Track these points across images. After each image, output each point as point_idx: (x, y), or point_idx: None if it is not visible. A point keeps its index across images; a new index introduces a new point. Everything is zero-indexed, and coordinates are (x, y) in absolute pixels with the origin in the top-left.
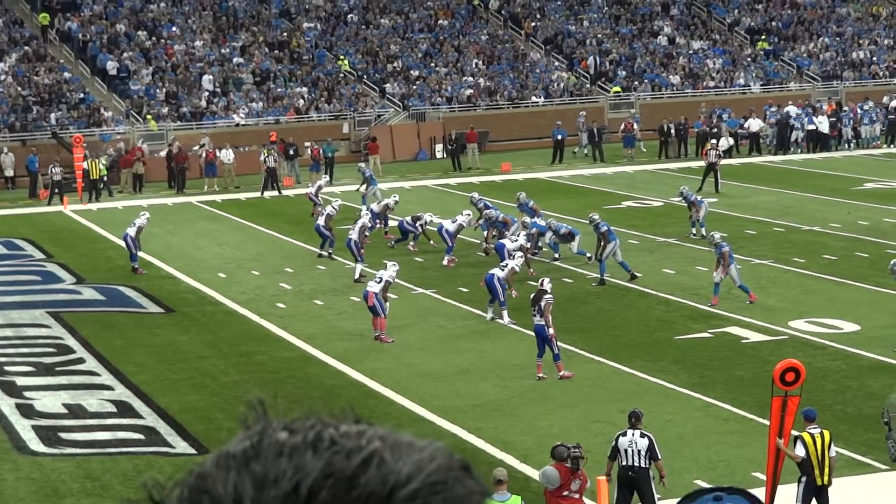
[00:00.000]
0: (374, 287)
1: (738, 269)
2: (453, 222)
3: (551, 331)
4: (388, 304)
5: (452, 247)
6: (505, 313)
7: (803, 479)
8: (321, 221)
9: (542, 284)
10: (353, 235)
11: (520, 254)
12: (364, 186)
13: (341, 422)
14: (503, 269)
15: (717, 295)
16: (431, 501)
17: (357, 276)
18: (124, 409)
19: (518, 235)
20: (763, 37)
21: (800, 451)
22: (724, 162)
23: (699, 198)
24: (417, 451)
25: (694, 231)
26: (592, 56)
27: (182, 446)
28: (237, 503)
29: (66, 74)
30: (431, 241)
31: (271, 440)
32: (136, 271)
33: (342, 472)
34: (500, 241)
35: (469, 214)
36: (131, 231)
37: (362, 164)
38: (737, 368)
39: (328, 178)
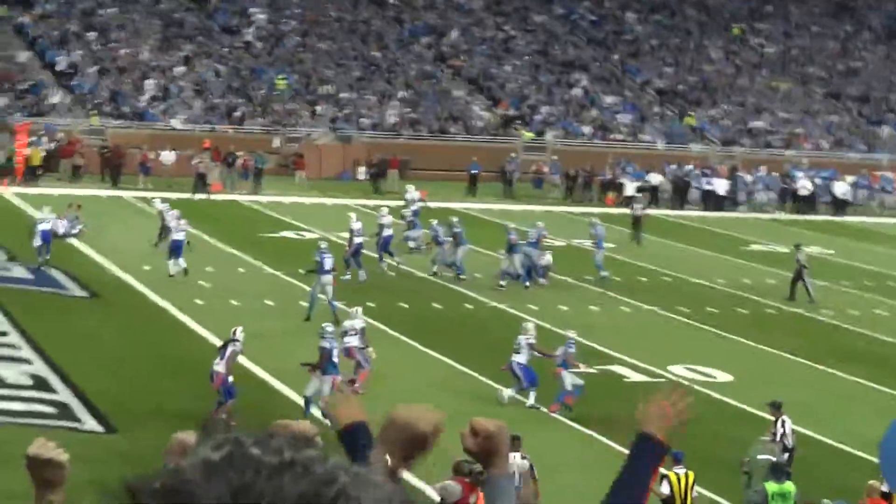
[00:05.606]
0: (353, 341)
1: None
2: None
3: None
4: (370, 348)
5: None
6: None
7: None
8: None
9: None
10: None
11: (531, 325)
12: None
13: (304, 446)
14: (519, 353)
15: None
16: None
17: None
18: (40, 383)
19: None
20: (693, 112)
21: (665, 489)
22: (621, 211)
23: (601, 242)
24: (376, 488)
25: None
26: (510, 99)
27: (91, 424)
28: None
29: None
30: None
31: (245, 455)
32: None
33: (316, 500)
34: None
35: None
36: (45, 226)
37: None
38: (614, 405)
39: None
